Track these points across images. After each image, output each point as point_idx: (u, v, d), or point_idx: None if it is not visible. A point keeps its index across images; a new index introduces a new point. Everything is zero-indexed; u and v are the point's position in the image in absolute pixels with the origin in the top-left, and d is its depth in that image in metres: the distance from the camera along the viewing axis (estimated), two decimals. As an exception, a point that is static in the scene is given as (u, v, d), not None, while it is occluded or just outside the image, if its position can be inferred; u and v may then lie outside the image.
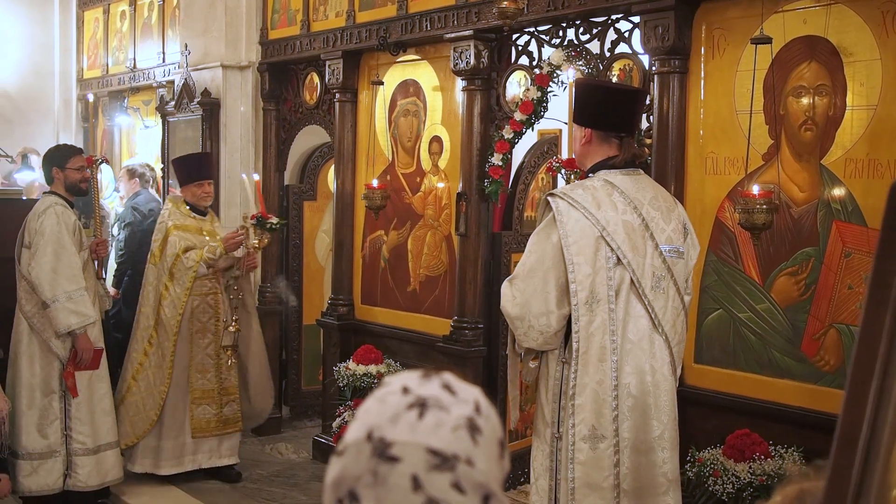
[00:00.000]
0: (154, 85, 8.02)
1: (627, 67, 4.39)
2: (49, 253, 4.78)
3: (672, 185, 4.03)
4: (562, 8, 4.52)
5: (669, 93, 4.11)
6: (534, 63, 4.90)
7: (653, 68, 4.20)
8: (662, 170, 4.10)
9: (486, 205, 5.15)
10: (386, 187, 5.53)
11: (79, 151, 5.27)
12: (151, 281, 5.38)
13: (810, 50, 3.70)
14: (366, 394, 5.33)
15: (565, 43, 4.70)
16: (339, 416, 5.48)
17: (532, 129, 5.10)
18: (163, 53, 7.95)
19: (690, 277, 3.34)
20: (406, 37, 5.42)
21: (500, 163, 4.98)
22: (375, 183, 5.46)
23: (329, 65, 5.99)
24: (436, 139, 5.46)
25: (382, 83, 5.70)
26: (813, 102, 3.70)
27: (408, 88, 5.65)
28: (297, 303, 6.81)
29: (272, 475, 5.73)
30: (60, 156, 5.11)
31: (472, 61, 4.99)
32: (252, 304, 5.69)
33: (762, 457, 3.58)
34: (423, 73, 5.55)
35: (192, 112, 6.78)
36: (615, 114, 3.26)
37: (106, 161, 5.85)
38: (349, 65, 5.93)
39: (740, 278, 3.93)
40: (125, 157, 8.60)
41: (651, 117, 4.22)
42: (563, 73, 4.70)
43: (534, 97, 4.76)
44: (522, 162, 5.47)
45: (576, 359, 3.09)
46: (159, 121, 7.55)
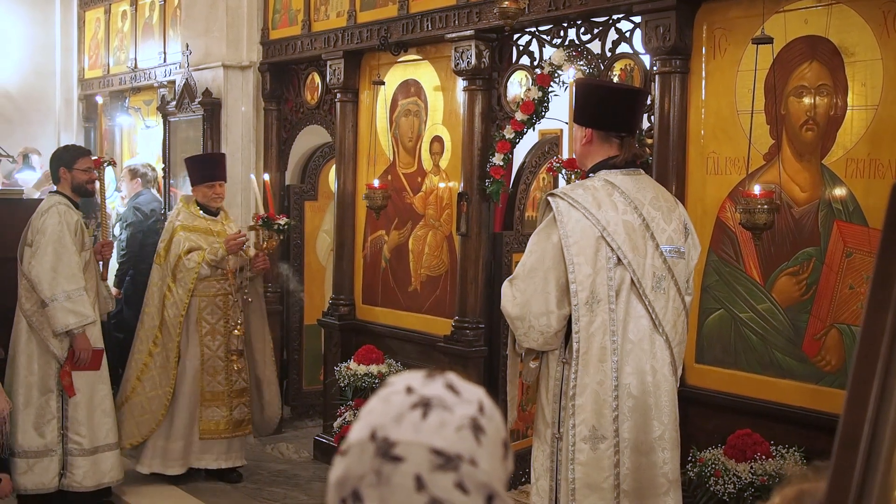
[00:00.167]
0: (155, 85, 8.02)
1: (628, 67, 4.39)
2: (50, 252, 4.78)
3: (673, 185, 4.03)
4: (563, 8, 4.52)
5: (670, 93, 4.11)
6: (535, 63, 4.90)
7: (654, 68, 4.20)
8: (664, 170, 4.11)
9: (488, 205, 5.15)
10: (387, 187, 5.53)
11: (87, 153, 5.29)
12: (156, 281, 5.36)
13: (811, 50, 3.70)
14: (367, 394, 5.33)
15: (566, 43, 4.70)
16: (341, 416, 5.49)
17: (533, 129, 5.11)
18: (164, 53, 7.95)
19: (691, 277, 3.33)
20: (407, 37, 5.42)
21: (502, 163, 4.98)
22: (376, 183, 5.46)
23: (330, 65, 5.99)
24: (437, 139, 5.46)
25: (383, 83, 5.70)
26: (814, 102, 3.70)
27: (409, 88, 5.65)
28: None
29: (273, 475, 5.73)
30: (69, 156, 5.12)
31: (474, 61, 4.99)
32: (262, 308, 5.62)
33: (763, 457, 3.58)
34: (424, 73, 5.55)
35: (194, 112, 6.78)
36: (616, 113, 3.25)
37: (113, 163, 5.81)
38: (350, 65, 5.93)
39: (741, 278, 3.93)
40: (126, 158, 8.61)
41: (652, 117, 4.22)
42: (565, 73, 4.70)
43: (535, 97, 4.76)
44: (523, 162, 5.47)
45: (576, 359, 3.09)
46: (160, 121, 7.55)
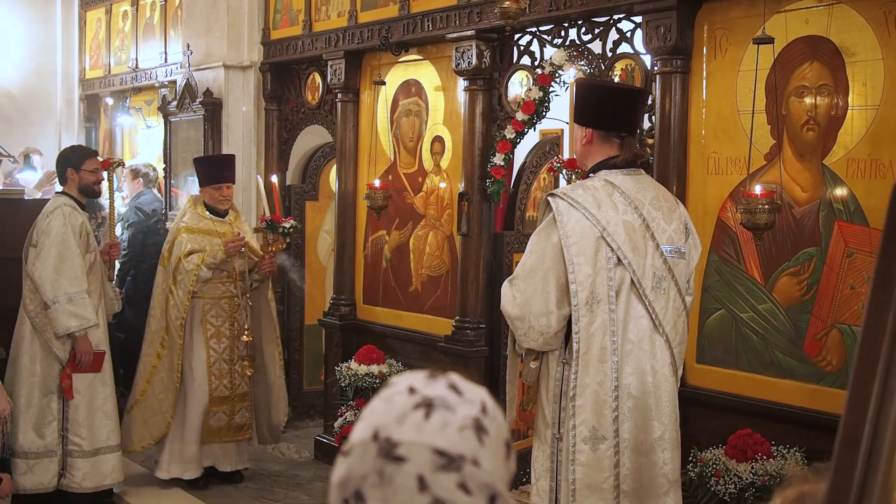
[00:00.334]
0: (156, 85, 8.02)
1: (629, 67, 4.39)
2: (53, 254, 4.78)
3: (674, 185, 4.03)
4: (564, 8, 4.52)
5: (671, 93, 4.11)
6: (536, 63, 4.90)
7: (655, 68, 4.21)
8: (664, 170, 4.11)
9: (488, 205, 5.16)
10: (388, 187, 5.53)
11: (94, 153, 5.28)
12: (160, 283, 5.31)
13: (812, 50, 3.70)
14: (367, 394, 5.34)
15: (567, 43, 4.70)
16: (341, 416, 5.49)
17: (534, 129, 5.11)
18: (165, 53, 7.96)
19: (692, 278, 3.33)
20: (408, 37, 5.43)
21: (502, 163, 4.98)
22: (377, 183, 5.46)
23: (331, 65, 5.99)
24: (437, 139, 5.46)
25: (384, 83, 5.70)
26: (815, 102, 3.70)
27: (410, 88, 5.66)
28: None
29: (274, 475, 5.73)
30: (76, 157, 5.10)
31: (474, 61, 4.99)
32: (272, 312, 5.52)
33: (764, 457, 3.58)
34: (425, 73, 5.55)
35: (195, 112, 6.78)
36: (616, 113, 3.24)
37: (122, 164, 5.79)
38: (351, 65, 5.93)
39: (742, 278, 3.93)
40: (127, 158, 8.61)
41: (653, 117, 4.22)
42: (565, 73, 4.70)
43: (536, 97, 4.76)
44: (524, 162, 5.47)
45: (576, 359, 3.09)
46: (161, 121, 7.55)
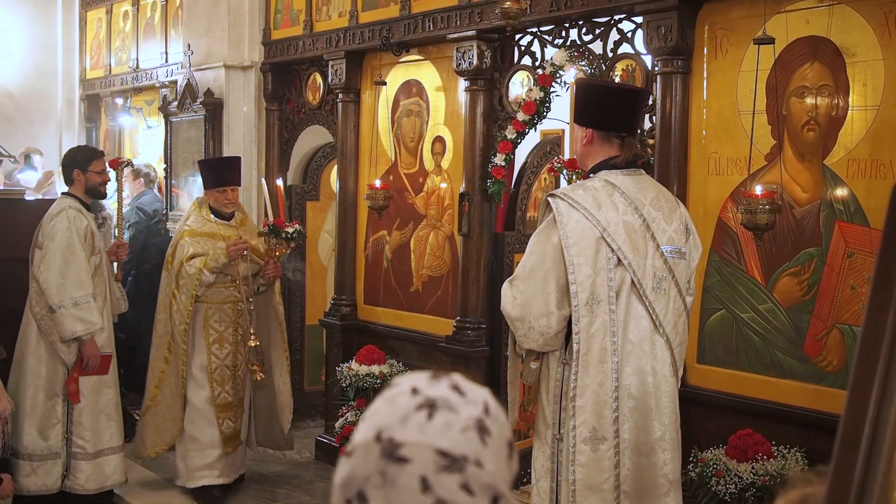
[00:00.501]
0: (157, 85, 8.03)
1: (630, 68, 4.39)
2: (58, 258, 4.76)
3: (675, 186, 4.03)
4: (564, 8, 4.52)
5: (672, 93, 4.11)
6: (536, 63, 4.90)
7: (655, 69, 4.21)
8: (665, 170, 4.11)
9: (489, 205, 5.16)
10: (389, 187, 5.53)
11: (101, 154, 5.24)
12: (164, 287, 5.18)
13: (813, 50, 3.70)
14: (368, 394, 5.34)
15: (568, 43, 4.70)
16: (342, 417, 5.49)
17: (535, 130, 5.11)
18: (166, 53, 7.96)
19: (693, 278, 3.33)
20: (409, 37, 5.43)
21: (503, 163, 4.99)
22: (378, 183, 5.46)
23: (332, 65, 6.00)
24: (438, 139, 5.46)
25: (385, 83, 5.70)
26: (815, 103, 3.70)
27: (410, 89, 5.66)
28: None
29: (275, 475, 5.73)
30: (83, 158, 5.08)
31: (475, 61, 4.99)
32: (278, 316, 5.39)
33: (765, 457, 3.58)
34: (426, 74, 5.55)
35: (195, 112, 6.78)
36: (616, 113, 3.24)
37: (130, 164, 5.73)
38: (352, 65, 5.93)
39: (743, 278, 3.94)
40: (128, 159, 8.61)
41: (654, 117, 4.22)
42: (566, 74, 4.71)
43: (536, 97, 4.76)
44: (525, 162, 5.47)
45: (576, 360, 3.09)
46: (162, 121, 7.56)
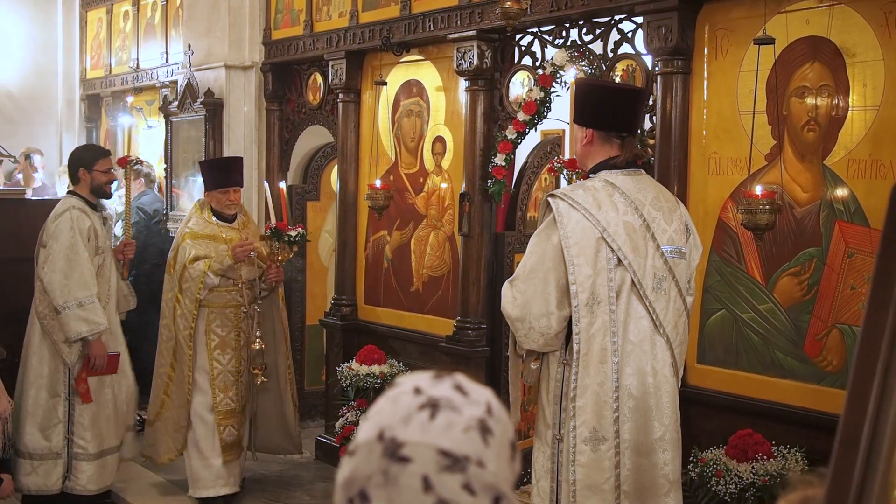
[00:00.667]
0: (157, 85, 8.03)
1: (630, 68, 4.39)
2: (62, 259, 4.77)
3: (675, 186, 4.04)
4: (565, 8, 4.53)
5: (672, 93, 4.11)
6: (537, 63, 4.91)
7: (656, 69, 4.21)
8: (665, 170, 4.11)
9: (490, 205, 5.16)
10: (389, 187, 5.53)
11: (107, 153, 5.23)
12: (167, 292, 5.03)
13: (813, 50, 3.71)
14: (369, 394, 5.34)
15: (568, 43, 4.71)
16: (343, 417, 5.49)
17: (535, 130, 5.11)
18: (166, 53, 7.96)
19: (693, 278, 3.33)
20: (409, 37, 5.43)
21: (504, 163, 4.99)
22: (378, 183, 5.46)
23: (332, 65, 6.00)
24: (439, 139, 5.47)
25: (386, 83, 5.70)
26: (816, 103, 3.71)
27: (411, 89, 5.66)
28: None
29: (275, 475, 5.73)
30: (89, 157, 5.07)
31: (476, 62, 4.99)
32: (282, 320, 5.29)
33: (765, 457, 3.58)
34: (427, 74, 5.55)
35: (196, 112, 6.78)
36: (616, 113, 3.24)
37: (140, 162, 5.68)
38: (352, 65, 5.93)
39: (743, 279, 3.94)
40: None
41: (654, 118, 4.22)
42: (566, 74, 4.71)
43: (537, 97, 4.77)
44: (525, 162, 5.47)
45: (577, 360, 3.09)
46: (162, 121, 7.56)
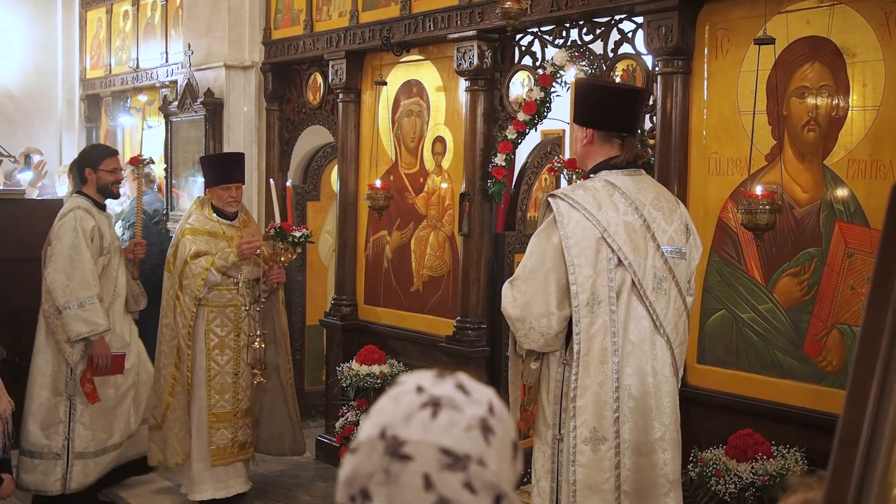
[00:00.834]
0: (157, 85, 8.03)
1: (631, 68, 4.40)
2: (65, 259, 4.78)
3: (675, 186, 4.04)
4: (565, 8, 4.53)
5: (673, 93, 4.11)
6: (537, 63, 4.91)
7: (656, 69, 4.21)
8: (665, 170, 4.11)
9: (490, 205, 5.16)
10: (389, 187, 5.53)
11: (114, 153, 5.22)
12: (167, 290, 4.91)
13: (813, 50, 3.71)
14: (369, 394, 5.34)
15: (569, 43, 4.71)
16: (343, 417, 5.49)
17: (535, 130, 5.11)
18: (166, 53, 7.97)
19: (693, 278, 3.33)
20: (409, 37, 5.43)
21: (504, 163, 4.99)
22: (379, 183, 5.46)
23: (332, 65, 6.00)
24: (439, 139, 5.47)
25: (386, 83, 5.70)
26: (816, 103, 3.71)
27: (411, 89, 5.66)
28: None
29: (275, 475, 5.73)
30: (96, 156, 5.07)
31: (476, 62, 4.99)
32: (282, 323, 5.18)
33: (764, 457, 3.58)
34: (427, 74, 5.56)
35: (196, 112, 6.78)
36: (616, 113, 3.24)
37: (152, 162, 5.64)
38: (352, 65, 5.93)
39: (743, 279, 3.94)
40: (128, 158, 8.61)
41: (654, 118, 4.22)
42: (567, 74, 4.71)
43: (537, 97, 4.77)
44: (526, 162, 5.47)
45: (577, 360, 3.09)
46: (162, 121, 7.56)
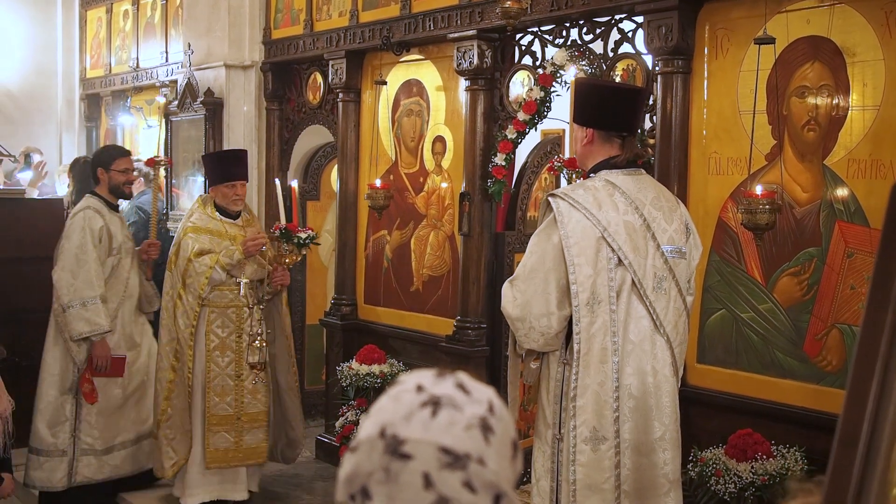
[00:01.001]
0: (157, 84, 8.04)
1: (631, 67, 4.40)
2: (71, 258, 4.81)
3: (675, 186, 4.04)
4: (565, 8, 4.53)
5: (673, 93, 4.11)
6: (537, 63, 4.91)
7: (656, 68, 4.21)
8: (665, 170, 4.11)
9: (490, 205, 5.16)
10: (389, 187, 5.54)
11: (126, 153, 5.23)
12: (168, 290, 4.82)
13: (813, 50, 3.71)
14: (369, 393, 5.34)
15: (569, 43, 4.71)
16: (343, 416, 5.49)
17: (535, 129, 5.11)
18: (166, 53, 7.97)
19: (693, 278, 3.33)
20: (409, 37, 5.43)
21: (504, 163, 4.99)
22: (378, 183, 5.46)
23: (332, 64, 6.00)
24: (439, 139, 5.47)
25: (386, 83, 5.70)
26: (816, 103, 3.71)
27: (411, 88, 5.66)
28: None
29: (275, 474, 5.73)
30: (107, 157, 5.09)
31: (476, 61, 4.99)
32: (284, 326, 5.09)
33: (764, 457, 3.58)
34: (427, 73, 5.56)
35: (196, 112, 6.78)
36: (616, 113, 3.23)
37: (169, 163, 5.63)
38: (352, 64, 5.94)
39: (743, 278, 3.94)
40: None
41: (654, 117, 4.22)
42: (567, 73, 4.71)
43: (537, 97, 4.77)
44: (525, 162, 5.47)
45: (577, 360, 3.08)
46: (162, 120, 7.56)
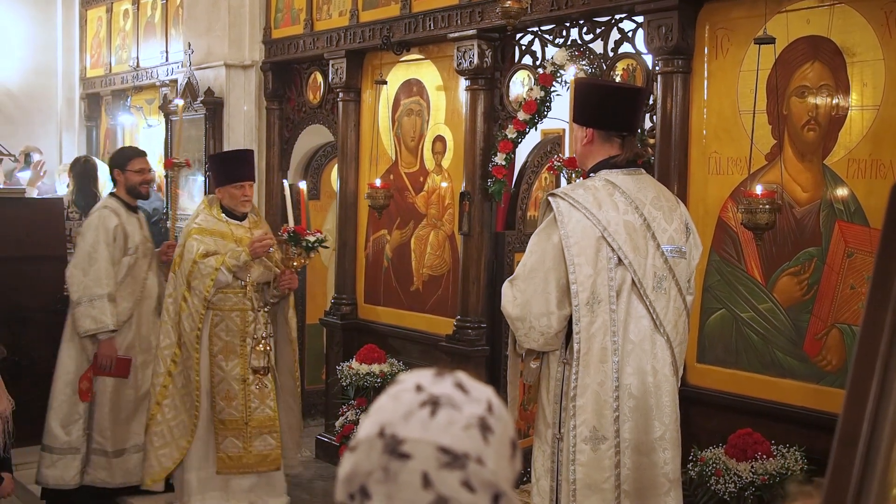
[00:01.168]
0: (157, 84, 8.04)
1: (631, 67, 4.40)
2: (84, 255, 4.84)
3: (675, 185, 4.04)
4: (565, 7, 4.53)
5: (673, 93, 4.11)
6: (537, 63, 4.91)
7: (656, 68, 4.21)
8: (665, 169, 4.11)
9: (490, 204, 5.16)
10: (389, 187, 5.54)
11: (141, 154, 5.22)
12: (171, 292, 4.70)
13: (813, 50, 3.71)
14: (369, 393, 5.34)
15: (569, 43, 4.71)
16: (343, 416, 5.50)
17: (535, 129, 5.12)
18: (166, 52, 7.97)
19: (693, 277, 3.33)
20: (409, 36, 5.43)
21: (504, 162, 4.99)
22: (379, 182, 5.46)
23: (332, 64, 6.00)
24: (439, 138, 5.47)
25: (386, 83, 5.70)
26: (816, 102, 3.71)
27: (411, 88, 5.66)
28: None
29: (275, 473, 5.73)
30: (122, 158, 5.10)
31: (476, 61, 5.00)
32: (289, 332, 4.95)
33: (764, 456, 3.59)
34: (427, 73, 5.56)
35: (196, 111, 6.79)
36: (616, 113, 3.23)
37: (187, 164, 5.59)
38: (353, 64, 5.94)
39: (743, 278, 3.94)
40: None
41: (654, 117, 4.22)
42: (567, 73, 4.71)
43: (537, 97, 4.77)
44: (526, 161, 5.48)
45: (577, 360, 3.08)
46: (162, 120, 7.56)
